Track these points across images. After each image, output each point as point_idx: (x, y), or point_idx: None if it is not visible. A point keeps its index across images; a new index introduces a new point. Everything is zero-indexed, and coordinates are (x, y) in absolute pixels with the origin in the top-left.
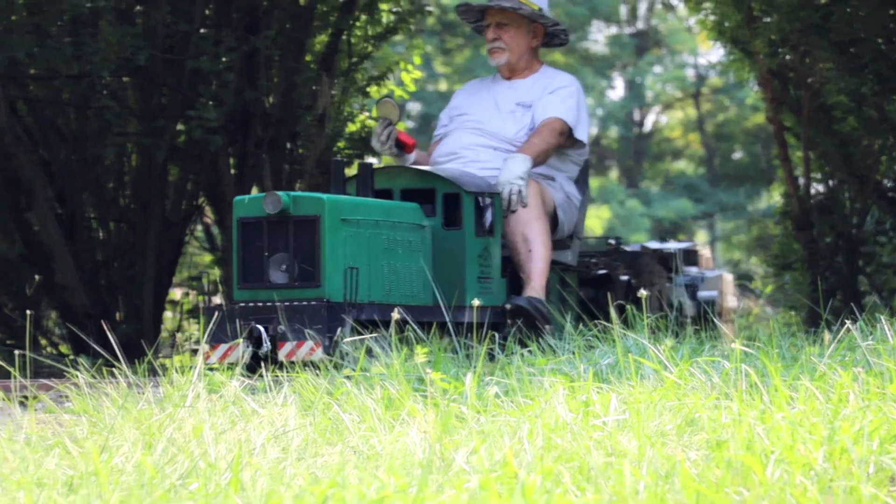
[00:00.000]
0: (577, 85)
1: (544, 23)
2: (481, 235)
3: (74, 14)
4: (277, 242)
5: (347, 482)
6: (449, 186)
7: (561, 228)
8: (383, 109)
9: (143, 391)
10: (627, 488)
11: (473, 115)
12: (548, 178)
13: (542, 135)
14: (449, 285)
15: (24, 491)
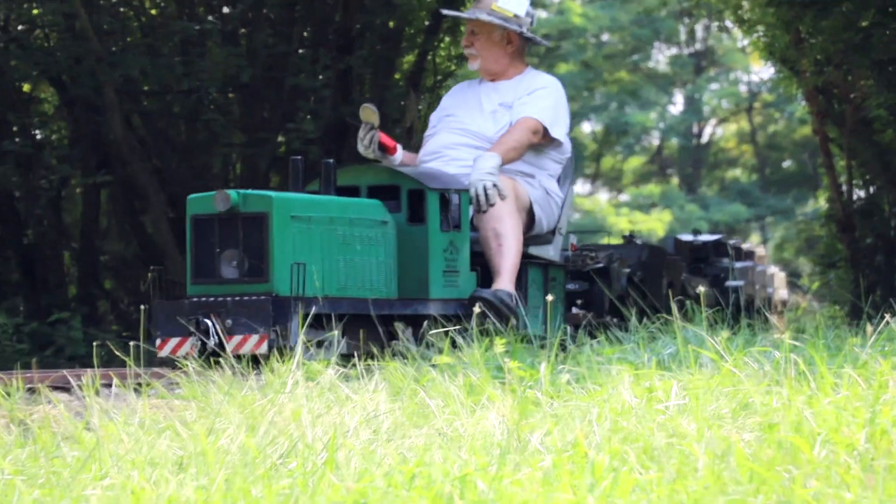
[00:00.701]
0: (556, 86)
1: (514, 30)
2: (447, 230)
3: (184, 36)
4: (228, 239)
5: (433, 461)
6: (413, 183)
7: (539, 224)
8: (365, 115)
9: (247, 379)
10: (687, 467)
11: (458, 116)
12: (527, 176)
13: (513, 133)
14: (413, 279)
15: (137, 469)
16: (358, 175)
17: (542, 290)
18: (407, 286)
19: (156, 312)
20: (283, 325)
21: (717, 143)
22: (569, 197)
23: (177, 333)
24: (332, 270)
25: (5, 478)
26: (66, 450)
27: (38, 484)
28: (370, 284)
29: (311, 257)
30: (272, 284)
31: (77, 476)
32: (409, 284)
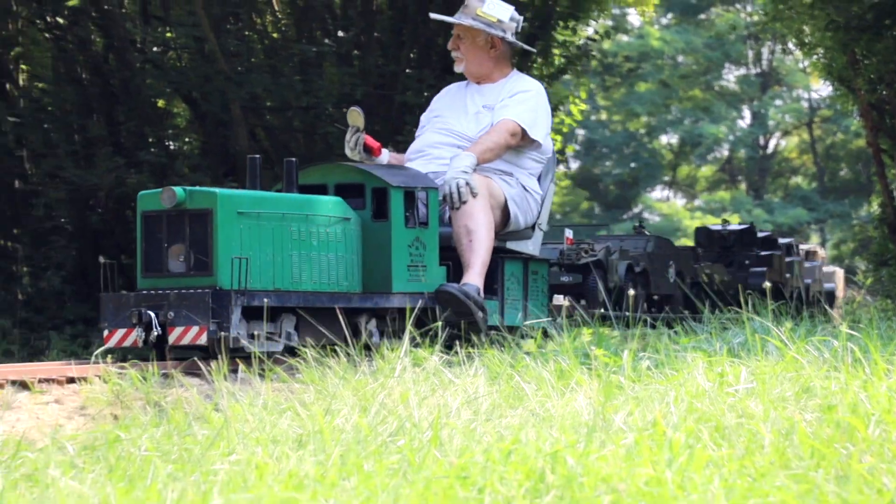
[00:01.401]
0: (538, 90)
1: (497, 34)
2: (412, 227)
3: (303, 57)
4: (175, 234)
5: (527, 439)
6: (376, 182)
7: (515, 220)
8: (352, 118)
9: (360, 365)
10: (755, 444)
11: (444, 117)
12: (505, 174)
13: (491, 135)
14: (377, 273)
15: (261, 446)
16: (325, 173)
17: (521, 283)
18: (371, 280)
19: (104, 305)
20: (223, 317)
21: (781, 154)
22: (549, 194)
23: (122, 325)
24: (285, 265)
25: (142, 454)
26: (196, 429)
27: (172, 459)
28: (329, 279)
29: (259, 252)
30: (216, 278)
31: (207, 452)
32: (374, 279)
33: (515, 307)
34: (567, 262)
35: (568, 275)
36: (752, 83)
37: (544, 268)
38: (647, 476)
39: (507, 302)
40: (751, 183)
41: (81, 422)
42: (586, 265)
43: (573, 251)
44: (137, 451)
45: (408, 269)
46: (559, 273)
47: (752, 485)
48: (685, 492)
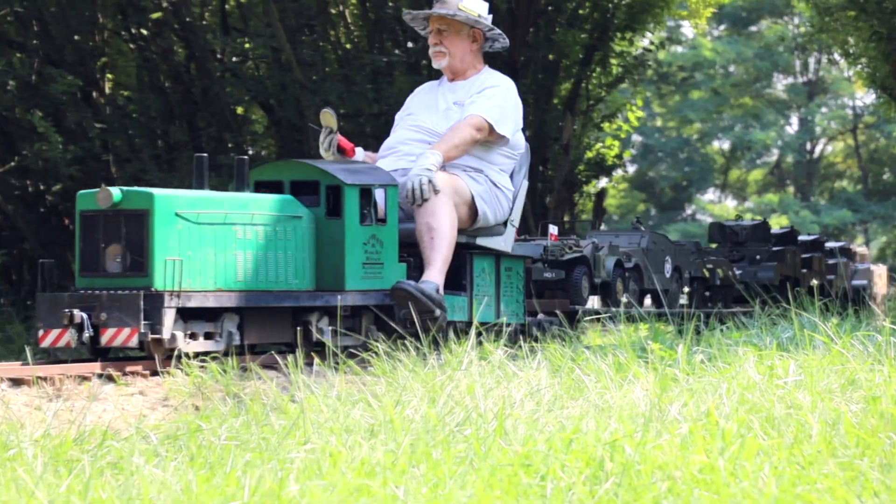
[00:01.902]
0: (507, 86)
1: (481, 28)
2: (368, 224)
3: (374, 67)
4: (112, 235)
5: (587, 429)
6: (331, 179)
7: (484, 217)
8: (325, 119)
9: (429, 358)
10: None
11: (416, 114)
12: (475, 171)
13: (456, 131)
14: (330, 271)
15: (335, 435)
16: (280, 171)
17: (493, 279)
18: (325, 278)
19: (39, 304)
20: (155, 318)
21: (827, 158)
22: (522, 190)
23: (57, 325)
24: (228, 265)
25: (222, 443)
26: (273, 419)
27: (250, 448)
28: (277, 277)
29: (199, 253)
30: (151, 279)
31: (283, 441)
32: (327, 277)
33: (487, 304)
34: (551, 258)
35: (551, 271)
36: (799, 91)
37: (520, 264)
38: (700, 464)
39: (476, 298)
40: (798, 186)
41: (164, 412)
42: (570, 261)
43: (557, 247)
44: (217, 440)
45: (363, 266)
46: (542, 269)
47: (801, 472)
48: (737, 479)
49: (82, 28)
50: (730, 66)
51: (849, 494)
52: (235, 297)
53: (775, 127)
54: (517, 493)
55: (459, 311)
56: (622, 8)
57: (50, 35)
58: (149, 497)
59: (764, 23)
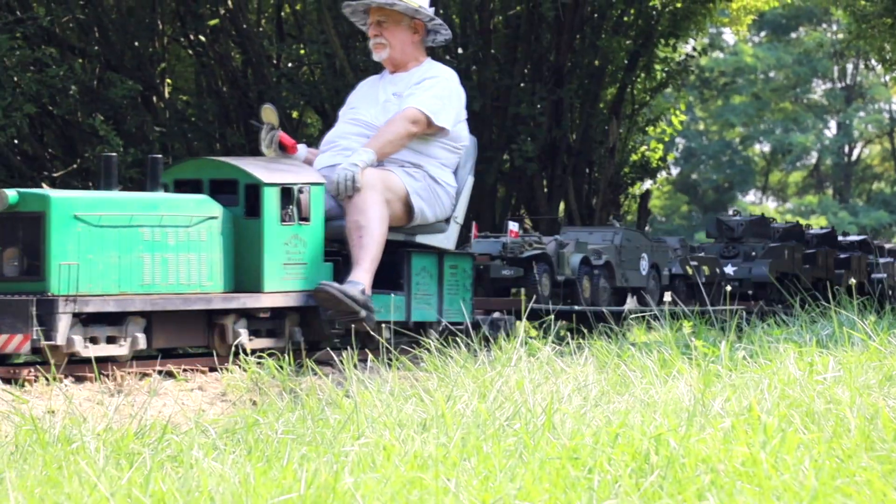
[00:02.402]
0: (446, 76)
1: (422, 18)
2: (289, 223)
3: None
4: (8, 238)
5: (632, 423)
6: (249, 178)
7: (421, 214)
8: (266, 115)
9: (479, 354)
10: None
11: (357, 108)
12: (413, 166)
13: (390, 125)
14: (249, 272)
15: (388, 430)
16: (199, 169)
17: (435, 278)
18: (243, 280)
19: None
20: (49, 324)
21: (864, 161)
22: (466, 186)
23: None
24: (134, 268)
25: (279, 437)
26: (329, 413)
27: (306, 442)
28: (189, 280)
29: (101, 256)
30: (46, 284)
31: (338, 435)
32: (246, 278)
33: (428, 302)
34: (510, 255)
35: (510, 268)
36: (837, 96)
37: (467, 262)
38: (743, 457)
39: (416, 297)
40: (836, 188)
41: (222, 407)
42: (530, 258)
43: (517, 244)
44: (274, 434)
45: (284, 266)
46: (501, 266)
47: (840, 465)
48: (778, 471)
49: (142, 34)
50: (770, 72)
51: (886, 487)
52: (140, 300)
53: (814, 131)
54: (565, 486)
55: (395, 311)
56: (666, 15)
57: (110, 41)
58: (207, 489)
59: (803, 30)
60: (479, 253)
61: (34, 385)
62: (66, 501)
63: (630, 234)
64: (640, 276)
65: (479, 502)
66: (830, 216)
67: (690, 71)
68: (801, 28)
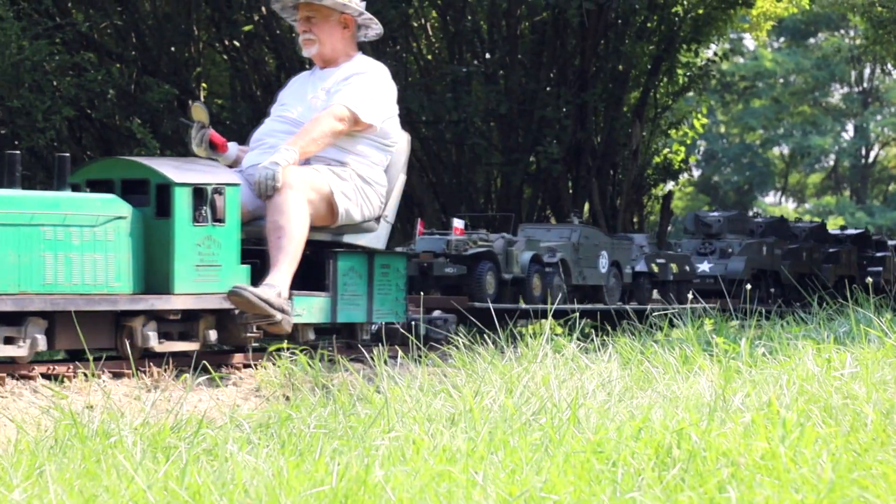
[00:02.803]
0: (375, 72)
1: (351, 13)
2: (202, 224)
3: (454, 77)
4: None
5: (655, 418)
6: (160, 177)
7: (347, 214)
8: (196, 114)
9: (506, 351)
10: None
11: (286, 105)
12: (339, 164)
13: (314, 123)
14: (159, 273)
15: (418, 424)
16: (110, 169)
17: (365, 278)
18: (153, 281)
19: None
20: None
21: (881, 163)
22: (398, 184)
23: None
24: (34, 267)
25: (311, 431)
26: (360, 408)
27: (338, 436)
28: (95, 280)
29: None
30: None
31: (369, 430)
32: (156, 279)
33: (356, 303)
34: (453, 253)
35: (453, 266)
36: (854, 100)
37: (400, 261)
38: (762, 451)
39: (342, 299)
40: (854, 189)
41: (256, 402)
42: (474, 256)
43: (461, 241)
44: (307, 428)
45: (196, 268)
46: (444, 264)
47: (857, 459)
48: (797, 465)
49: (177, 40)
50: (789, 76)
51: None
52: (40, 300)
53: (832, 133)
54: (590, 479)
55: (320, 313)
56: (687, 21)
57: (147, 47)
58: (242, 482)
59: (821, 35)
60: (423, 251)
61: (73, 381)
62: (105, 494)
63: (588, 232)
64: (598, 274)
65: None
66: (848, 216)
67: (712, 75)
68: (820, 34)
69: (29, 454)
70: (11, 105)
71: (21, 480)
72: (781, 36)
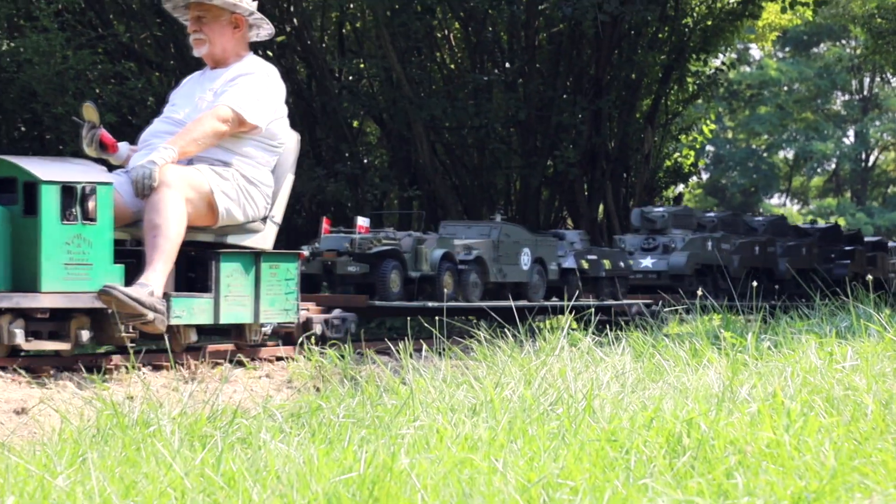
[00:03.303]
0: (263, 73)
1: (241, 13)
2: (72, 222)
3: (476, 84)
4: None
5: (666, 408)
6: (27, 175)
7: (229, 214)
8: (87, 113)
9: (525, 344)
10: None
11: (175, 106)
12: (223, 164)
13: (196, 123)
14: (26, 271)
15: (441, 414)
16: None
17: (252, 279)
18: (21, 279)
19: None
20: None
21: (880, 167)
22: (285, 185)
23: None
24: None
25: (340, 420)
26: (386, 399)
27: (365, 425)
28: None
29: None
30: None
31: (395, 419)
32: (23, 277)
33: (241, 304)
34: (357, 252)
35: (356, 264)
36: (854, 107)
37: (289, 262)
38: (768, 439)
39: (226, 299)
40: (854, 191)
41: (288, 393)
42: (379, 254)
43: (366, 240)
44: (336, 418)
45: (65, 267)
46: (347, 263)
47: (857, 447)
48: (800, 453)
49: None
50: (793, 85)
51: None
52: None
53: (834, 139)
54: (604, 466)
55: (202, 314)
56: (697, 32)
57: (185, 56)
58: (275, 469)
59: (823, 45)
60: (327, 249)
61: (114, 373)
62: (144, 480)
63: (510, 229)
64: (520, 271)
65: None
66: (848, 217)
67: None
68: (822, 44)
69: (72, 443)
70: (56, 112)
71: (65, 467)
72: (786, 46)
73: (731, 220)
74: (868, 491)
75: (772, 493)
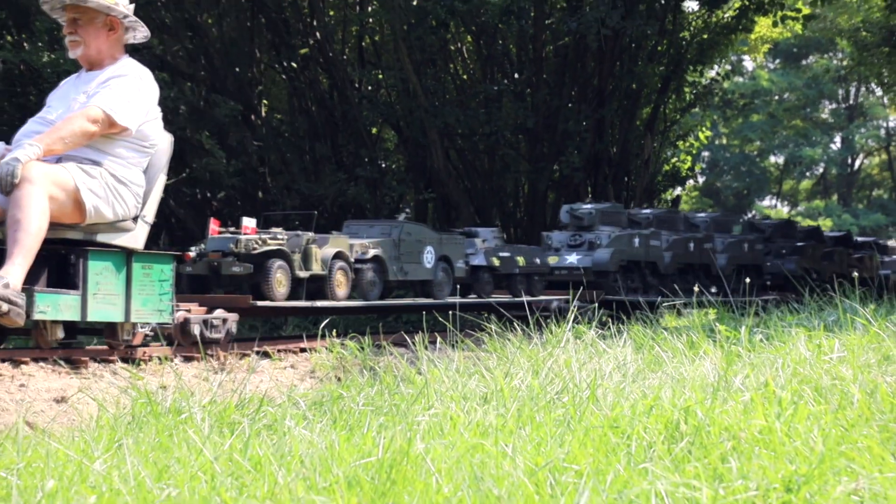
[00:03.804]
0: (136, 75)
1: (116, 15)
2: None
3: (487, 94)
4: None
5: (665, 396)
6: None
7: (96, 212)
8: None
9: (533, 337)
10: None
11: (50, 107)
12: (93, 163)
13: (66, 122)
14: None
15: (454, 402)
16: None
17: (122, 277)
18: None
19: None
20: None
21: (865, 171)
22: (157, 185)
23: None
24: None
25: (360, 408)
26: (403, 388)
27: (383, 413)
28: None
29: None
30: None
31: (411, 407)
32: None
33: (111, 303)
34: (243, 252)
35: (240, 265)
36: (841, 115)
37: (163, 262)
38: (760, 426)
39: (94, 297)
40: (840, 194)
41: (311, 383)
42: (264, 254)
43: (251, 240)
44: (356, 406)
45: None
46: (232, 263)
47: (844, 434)
48: (791, 439)
49: (242, 62)
50: (783, 94)
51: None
52: None
53: (821, 145)
54: (606, 451)
55: (68, 310)
56: (693, 45)
57: (215, 67)
58: (298, 454)
59: (812, 57)
60: (212, 250)
61: (148, 364)
62: (176, 464)
63: (412, 228)
64: (423, 269)
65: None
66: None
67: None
68: (811, 56)
69: (109, 429)
70: None
71: (102, 452)
72: (777, 58)
73: (666, 218)
74: (854, 475)
75: (764, 477)
